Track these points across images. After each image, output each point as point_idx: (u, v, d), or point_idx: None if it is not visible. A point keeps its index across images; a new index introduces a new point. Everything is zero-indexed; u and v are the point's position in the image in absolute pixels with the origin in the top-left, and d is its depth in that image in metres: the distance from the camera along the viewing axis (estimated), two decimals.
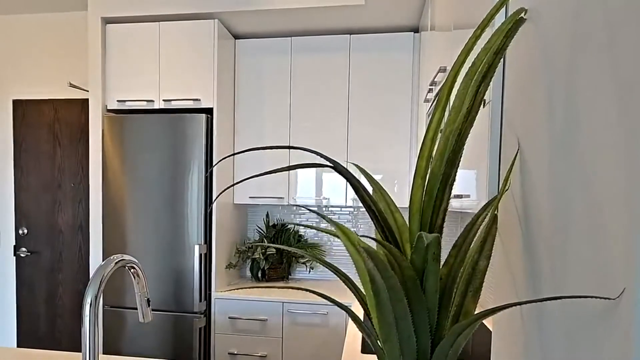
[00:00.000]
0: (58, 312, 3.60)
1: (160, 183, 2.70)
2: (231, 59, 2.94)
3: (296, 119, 2.89)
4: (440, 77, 1.55)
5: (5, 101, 3.61)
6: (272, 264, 2.93)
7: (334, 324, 2.53)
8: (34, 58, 3.54)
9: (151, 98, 2.77)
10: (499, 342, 0.84)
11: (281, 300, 2.60)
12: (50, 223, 3.58)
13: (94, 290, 0.84)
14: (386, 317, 0.68)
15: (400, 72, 2.79)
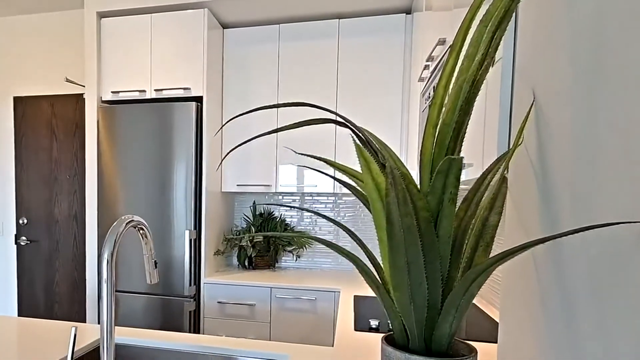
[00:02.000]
0: (55, 298, 3.51)
1: (152, 170, 2.53)
2: (220, 48, 2.74)
3: (282, 112, 2.68)
4: (439, 50, 1.37)
5: (6, 98, 3.52)
6: (259, 252, 2.72)
7: (322, 309, 2.32)
8: (32, 56, 3.42)
9: (143, 88, 2.60)
10: (508, 300, 0.77)
11: (269, 285, 2.39)
12: (48, 213, 3.49)
13: (109, 248, 0.86)
14: (398, 261, 0.60)
15: (391, 55, 2.52)
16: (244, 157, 2.72)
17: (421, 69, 1.71)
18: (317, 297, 2.30)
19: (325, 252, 2.87)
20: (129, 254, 2.51)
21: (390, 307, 0.72)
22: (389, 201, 0.56)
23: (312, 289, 2.31)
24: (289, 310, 2.36)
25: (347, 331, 1.44)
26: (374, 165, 0.58)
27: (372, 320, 1.47)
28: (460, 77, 0.60)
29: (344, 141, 2.56)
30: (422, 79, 1.72)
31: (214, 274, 2.60)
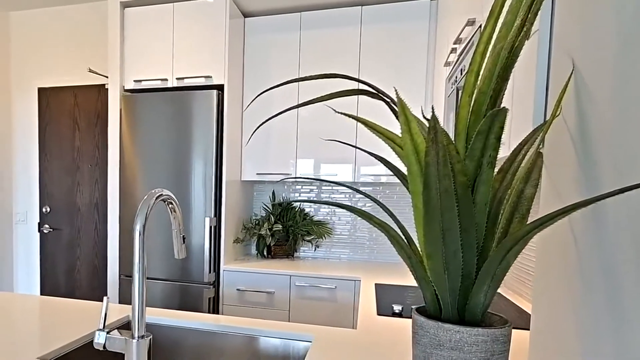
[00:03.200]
0: (76, 284, 3.59)
1: (172, 158, 2.57)
2: (241, 37, 2.77)
3: (304, 97, 2.69)
4: (468, 31, 1.37)
5: (31, 90, 3.61)
6: (278, 241, 2.74)
7: (342, 297, 2.34)
8: (56, 48, 3.51)
9: (165, 77, 2.64)
10: (542, 280, 0.75)
11: (288, 273, 2.42)
12: (70, 202, 3.57)
13: (141, 221, 0.90)
14: (433, 228, 0.59)
15: (415, 42, 2.49)
16: (263, 147, 2.75)
17: (447, 53, 1.71)
18: (337, 286, 2.32)
19: (343, 243, 2.89)
20: (149, 240, 2.56)
21: (423, 277, 0.72)
22: (429, 161, 0.56)
23: (332, 278, 2.33)
24: (308, 298, 2.38)
25: (369, 315, 1.46)
26: (414, 124, 0.59)
27: (395, 305, 1.48)
28: (497, 44, 0.60)
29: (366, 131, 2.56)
30: (448, 64, 1.72)
31: (232, 262, 2.64)
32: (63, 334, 1.23)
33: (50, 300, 1.61)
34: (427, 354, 0.71)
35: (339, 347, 1.16)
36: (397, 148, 0.68)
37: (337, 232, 2.92)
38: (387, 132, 0.66)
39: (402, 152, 0.68)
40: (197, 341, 1.40)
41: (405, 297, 1.73)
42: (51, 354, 1.12)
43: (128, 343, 0.92)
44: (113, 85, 2.74)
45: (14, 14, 3.56)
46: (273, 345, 1.31)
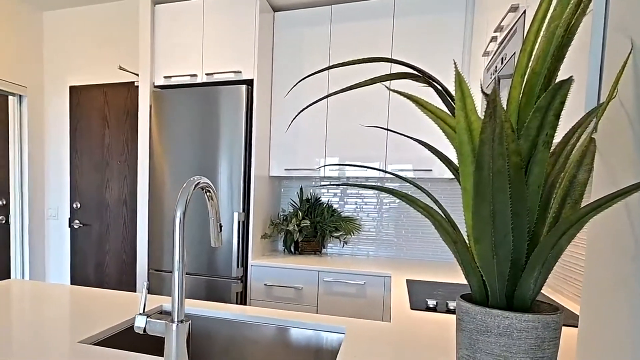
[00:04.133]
0: (105, 279, 3.67)
1: (201, 153, 2.62)
2: (270, 31, 2.80)
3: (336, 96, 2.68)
4: (510, 18, 1.35)
5: (62, 88, 3.72)
6: (305, 237, 2.76)
7: (372, 293, 2.33)
8: (87, 47, 3.60)
9: (194, 72, 2.69)
10: (593, 274, 0.73)
11: (316, 269, 2.43)
12: (100, 198, 3.65)
13: (181, 208, 0.91)
14: (483, 211, 0.58)
15: (450, 34, 2.45)
16: (292, 142, 2.78)
17: (486, 43, 1.69)
18: (367, 282, 2.31)
19: (372, 239, 2.89)
20: None
21: (469, 263, 0.72)
22: (483, 139, 0.55)
23: (361, 274, 2.33)
24: (336, 294, 2.38)
25: (403, 310, 1.45)
26: (470, 100, 0.58)
27: (430, 300, 1.47)
28: (552, 23, 0.59)
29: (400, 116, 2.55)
30: (487, 53, 1.70)
31: (260, 257, 2.66)
32: (99, 321, 1.28)
33: (84, 290, 1.67)
34: (474, 340, 0.70)
35: (373, 339, 1.16)
36: (447, 128, 0.68)
37: (364, 229, 2.92)
38: (439, 110, 0.65)
39: (452, 133, 0.68)
40: (229, 331, 1.42)
41: (438, 293, 1.72)
42: (90, 339, 1.16)
43: (168, 327, 0.94)
44: (143, 82, 2.80)
45: (47, 14, 3.69)
46: (305, 336, 1.32)
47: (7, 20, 3.38)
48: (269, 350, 1.37)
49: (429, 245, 2.80)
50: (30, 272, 3.66)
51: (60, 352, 1.02)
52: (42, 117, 3.75)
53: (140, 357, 1.01)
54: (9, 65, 3.42)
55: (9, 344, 1.07)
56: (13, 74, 3.45)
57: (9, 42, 3.41)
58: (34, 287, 1.68)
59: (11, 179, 3.60)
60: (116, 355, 1.02)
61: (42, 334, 1.15)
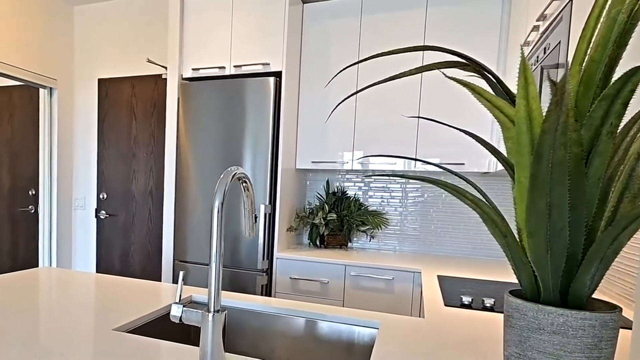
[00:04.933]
0: (130, 269, 3.74)
1: (228, 144, 2.64)
2: (299, 23, 2.80)
3: (363, 84, 2.66)
4: (555, 6, 1.30)
5: (91, 81, 3.80)
6: (331, 230, 2.75)
7: (400, 289, 2.32)
8: (115, 40, 3.68)
9: (223, 65, 2.71)
10: None
11: (343, 263, 2.42)
12: (126, 189, 3.72)
13: (219, 198, 0.92)
14: (539, 203, 0.56)
15: (485, 24, 2.39)
16: (320, 134, 2.77)
17: (527, 32, 1.64)
18: (395, 277, 2.30)
19: (398, 234, 2.86)
20: (200, 225, 2.65)
21: (520, 257, 0.70)
22: (546, 128, 0.53)
23: (389, 269, 2.31)
24: (363, 289, 2.37)
25: (437, 306, 1.43)
26: (533, 87, 0.56)
27: (464, 297, 1.45)
28: (613, 8, 0.56)
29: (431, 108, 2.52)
30: (527, 43, 1.65)
31: (285, 250, 2.68)
32: (131, 309, 1.30)
33: (113, 279, 1.70)
34: (524, 337, 0.68)
35: (408, 335, 1.15)
36: (502, 117, 0.66)
37: (393, 223, 2.90)
38: (496, 99, 0.63)
39: (507, 123, 0.66)
40: (258, 323, 1.43)
41: (472, 289, 1.69)
42: (124, 327, 1.18)
43: (204, 316, 0.95)
44: (172, 74, 2.84)
45: (77, 9, 3.79)
46: (337, 330, 1.32)
47: (40, 15, 3.48)
48: (299, 342, 1.37)
49: (459, 241, 2.76)
50: (58, 260, 3.77)
51: (97, 340, 1.04)
52: (72, 109, 3.85)
53: (176, 346, 1.02)
54: (41, 58, 3.52)
55: (47, 330, 1.09)
56: (45, 67, 3.55)
57: (41, 36, 3.50)
58: (65, 275, 1.73)
59: (40, 169, 3.70)
60: (152, 343, 1.04)
61: (78, 321, 1.18)
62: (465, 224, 2.74)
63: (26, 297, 1.39)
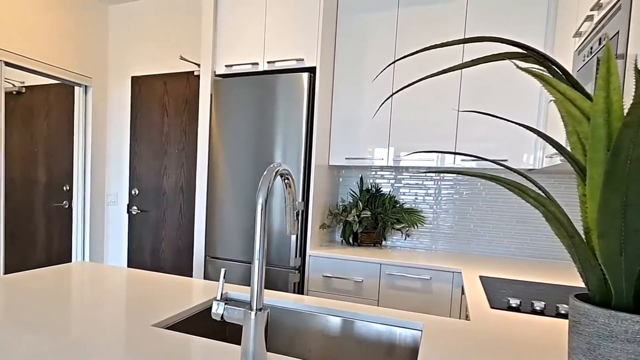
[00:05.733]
0: (161, 265, 3.81)
1: (260, 141, 2.65)
2: (334, 17, 2.78)
3: (400, 80, 2.62)
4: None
5: (125, 78, 3.90)
6: (365, 228, 2.72)
7: (438, 289, 2.27)
8: (149, 38, 3.76)
9: (256, 61, 2.71)
10: None
11: (379, 261, 2.39)
12: (157, 185, 3.79)
13: (263, 195, 0.92)
14: (612, 202, 0.54)
15: (530, 15, 2.30)
16: (353, 132, 2.75)
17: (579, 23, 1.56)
18: (433, 277, 2.25)
19: (434, 232, 2.81)
20: (231, 221, 2.67)
21: (588, 259, 0.66)
22: (628, 121, 0.50)
23: (427, 268, 2.27)
24: (399, 288, 2.34)
25: (482, 308, 1.39)
26: (615, 78, 0.52)
27: (512, 299, 1.40)
28: None
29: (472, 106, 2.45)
30: (579, 34, 1.57)
31: (318, 248, 2.67)
32: (167, 305, 1.32)
33: (148, 274, 1.73)
34: (593, 345, 0.65)
35: (454, 338, 1.12)
36: (573, 109, 0.62)
37: (429, 220, 2.84)
38: (571, 91, 0.60)
39: (579, 116, 0.62)
40: (294, 321, 1.42)
41: (517, 291, 1.63)
42: (162, 323, 1.19)
43: (246, 315, 0.94)
44: (205, 71, 2.86)
45: (112, 8, 3.90)
46: (376, 331, 1.30)
47: (76, 15, 3.60)
48: (337, 342, 1.36)
49: (500, 240, 2.68)
50: (90, 255, 3.89)
51: (137, 336, 1.06)
52: (105, 107, 3.96)
53: (216, 344, 1.03)
54: (77, 57, 3.64)
55: (87, 325, 1.12)
56: (80, 66, 3.67)
57: (77, 36, 3.62)
58: (101, 270, 1.77)
59: (75, 165, 3.83)
60: (192, 341, 1.04)
61: (117, 316, 1.20)
62: (507, 222, 2.66)
63: (64, 291, 1.43)
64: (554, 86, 0.60)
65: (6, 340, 0.98)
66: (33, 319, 1.13)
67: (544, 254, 2.59)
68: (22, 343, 0.97)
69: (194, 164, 3.58)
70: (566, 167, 1.90)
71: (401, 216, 2.68)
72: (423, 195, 2.85)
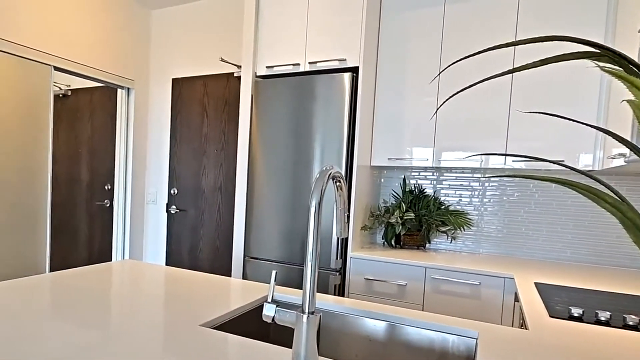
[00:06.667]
0: (198, 264, 3.88)
1: (300, 142, 2.65)
2: (377, 16, 2.75)
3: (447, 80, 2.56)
4: None
5: (165, 80, 4.03)
6: (408, 230, 2.68)
7: (488, 295, 2.20)
8: (189, 41, 3.87)
9: (297, 61, 2.73)
10: None
11: (423, 265, 2.35)
12: (196, 185, 3.86)
13: (316, 198, 0.93)
14: None
15: (586, 11, 2.20)
16: (397, 131, 2.72)
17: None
18: (482, 282, 2.19)
19: (477, 235, 2.74)
20: (270, 222, 2.69)
21: None
22: None
23: (476, 273, 2.21)
24: (445, 293, 2.29)
25: (540, 316, 1.33)
26: None
27: (574, 308, 1.33)
28: None
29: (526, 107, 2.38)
30: None
31: (359, 250, 2.65)
32: (213, 304, 1.34)
33: (190, 273, 1.77)
34: None
35: (512, 348, 1.07)
36: None
37: (477, 223, 2.77)
38: None
39: None
40: (339, 324, 1.41)
41: (578, 300, 1.56)
42: (210, 322, 1.21)
43: (299, 318, 0.94)
44: (246, 72, 2.90)
45: (155, 12, 4.05)
46: (427, 338, 1.27)
47: (120, 20, 3.75)
48: (384, 348, 1.34)
49: (553, 245, 2.58)
50: (130, 252, 4.02)
51: (187, 335, 1.07)
52: (146, 108, 4.09)
53: (266, 347, 1.03)
54: (121, 61, 3.79)
55: (137, 324, 1.14)
56: (124, 69, 3.81)
57: (121, 40, 3.77)
58: (146, 268, 1.82)
59: (116, 165, 3.97)
60: (241, 342, 1.05)
61: (166, 315, 1.22)
62: (562, 226, 2.55)
63: (112, 289, 1.47)
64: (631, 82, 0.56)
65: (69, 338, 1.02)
66: (91, 316, 1.17)
67: (604, 260, 2.46)
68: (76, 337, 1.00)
69: (233, 164, 3.64)
70: (630, 169, 1.80)
71: (447, 218, 2.61)
72: (468, 197, 2.78)
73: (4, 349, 0.93)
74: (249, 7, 2.88)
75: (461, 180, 2.82)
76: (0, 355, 0.90)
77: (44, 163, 3.20)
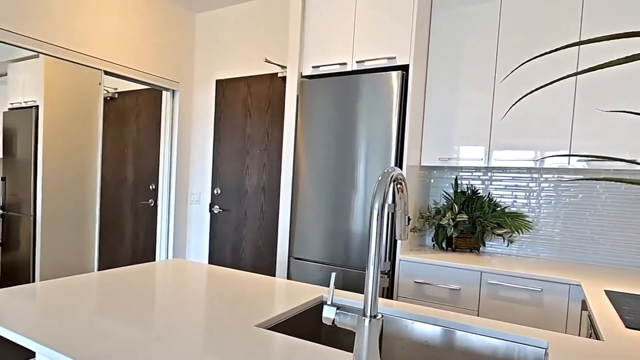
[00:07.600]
0: (241, 263, 3.94)
1: (346, 142, 2.65)
2: (427, 13, 2.71)
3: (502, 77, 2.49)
4: None
5: (210, 82, 4.14)
6: (461, 232, 2.61)
7: (550, 303, 2.11)
8: (233, 42, 3.96)
9: (344, 61, 2.72)
10: None
11: (479, 269, 2.28)
12: (239, 185, 3.94)
13: (380, 200, 0.94)
14: None
15: None
16: (446, 130, 2.67)
17: None
18: (545, 289, 2.10)
19: (535, 238, 2.64)
20: (315, 222, 2.69)
21: None
22: None
23: (538, 279, 2.12)
24: (502, 299, 2.21)
25: (615, 327, 1.27)
26: None
27: None
28: None
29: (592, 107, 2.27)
30: None
31: (408, 252, 2.61)
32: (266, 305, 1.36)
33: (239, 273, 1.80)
34: None
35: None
36: None
37: (538, 225, 2.66)
38: None
39: None
40: (393, 328, 1.39)
41: None
42: (265, 323, 1.22)
43: (360, 321, 0.94)
44: (291, 72, 2.92)
45: (199, 15, 4.18)
46: (490, 345, 1.23)
47: (166, 24, 3.90)
48: (442, 354, 1.31)
49: (623, 250, 2.45)
50: (173, 251, 4.14)
51: (243, 336, 1.09)
52: (190, 109, 4.21)
53: (325, 349, 1.03)
54: (166, 64, 3.93)
55: (192, 323, 1.17)
56: (169, 72, 3.95)
57: (166, 43, 3.92)
58: (196, 268, 1.86)
59: (160, 165, 4.12)
60: (299, 344, 1.05)
61: (221, 314, 1.25)
62: (634, 229, 2.41)
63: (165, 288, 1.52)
64: None
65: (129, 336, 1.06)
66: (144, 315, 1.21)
67: None
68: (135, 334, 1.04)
69: (276, 165, 3.68)
70: None
71: (503, 220, 2.52)
72: (524, 198, 2.68)
73: (57, 343, 0.97)
74: (294, 7, 2.90)
75: (517, 180, 2.72)
76: (57, 348, 0.94)
77: (94, 164, 3.35)
